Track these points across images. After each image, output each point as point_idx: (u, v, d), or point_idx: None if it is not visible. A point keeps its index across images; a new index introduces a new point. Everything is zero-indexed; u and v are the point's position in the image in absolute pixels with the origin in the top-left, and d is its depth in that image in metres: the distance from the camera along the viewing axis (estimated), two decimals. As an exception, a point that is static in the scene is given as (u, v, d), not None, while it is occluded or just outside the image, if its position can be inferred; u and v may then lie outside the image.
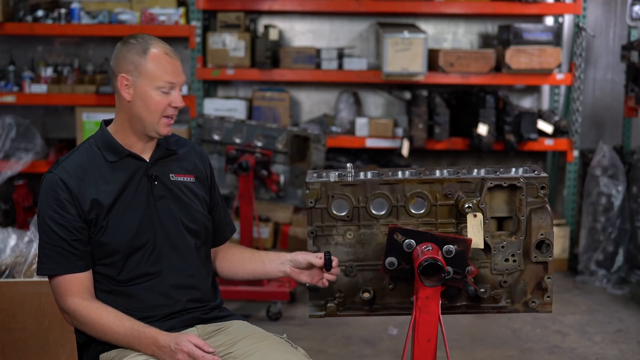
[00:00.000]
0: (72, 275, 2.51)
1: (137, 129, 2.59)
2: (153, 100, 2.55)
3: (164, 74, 2.54)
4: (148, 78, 2.54)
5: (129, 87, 2.55)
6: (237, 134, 5.16)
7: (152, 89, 2.54)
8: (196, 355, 2.39)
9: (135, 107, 2.56)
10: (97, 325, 2.48)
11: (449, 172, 2.62)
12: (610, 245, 5.80)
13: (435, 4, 6.05)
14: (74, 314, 2.50)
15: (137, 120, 2.57)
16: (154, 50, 2.55)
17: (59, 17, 5.92)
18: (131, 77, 2.55)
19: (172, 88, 2.57)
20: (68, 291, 2.51)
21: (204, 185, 2.73)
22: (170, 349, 2.41)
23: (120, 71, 2.56)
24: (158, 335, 2.45)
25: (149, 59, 2.54)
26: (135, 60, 2.54)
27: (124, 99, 2.56)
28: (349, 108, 6.29)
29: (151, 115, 2.56)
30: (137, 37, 2.59)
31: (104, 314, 2.48)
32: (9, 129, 5.94)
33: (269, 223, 5.96)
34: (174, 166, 2.67)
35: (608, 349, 4.61)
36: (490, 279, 2.59)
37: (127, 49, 2.56)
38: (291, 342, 2.66)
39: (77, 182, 2.52)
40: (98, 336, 2.50)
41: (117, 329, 2.47)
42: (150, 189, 2.60)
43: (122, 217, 2.54)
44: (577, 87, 6.14)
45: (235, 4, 6.02)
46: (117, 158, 2.59)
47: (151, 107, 2.55)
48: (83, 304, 2.49)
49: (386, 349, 4.56)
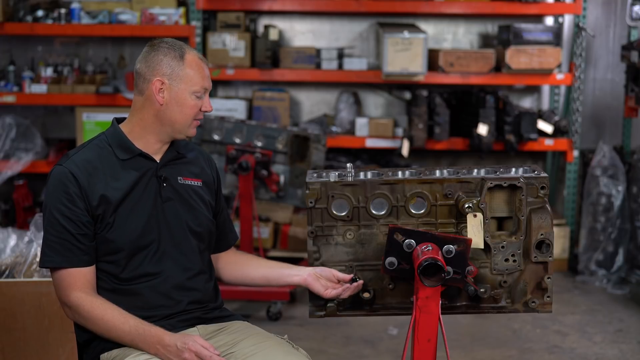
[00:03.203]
0: (76, 269, 2.51)
1: (164, 131, 2.61)
2: (188, 104, 2.58)
3: (199, 80, 2.59)
4: (186, 82, 2.57)
5: (164, 90, 2.57)
6: (237, 134, 5.16)
7: (189, 93, 2.58)
8: (204, 355, 2.39)
9: (169, 110, 2.58)
10: (101, 321, 2.47)
11: (449, 172, 2.62)
12: (610, 245, 5.80)
13: (435, 4, 6.06)
14: (77, 309, 2.49)
15: (168, 124, 2.59)
16: (189, 55, 2.59)
17: (59, 17, 5.92)
18: (167, 81, 2.57)
19: (205, 93, 2.62)
20: (72, 285, 2.50)
21: (210, 190, 2.74)
22: (177, 348, 2.41)
23: (155, 75, 2.57)
24: (163, 334, 2.45)
25: (186, 64, 2.58)
26: (174, 64, 2.57)
27: (157, 102, 2.58)
28: (349, 108, 6.29)
29: (185, 119, 2.59)
30: (166, 41, 2.61)
31: (108, 310, 2.48)
32: (9, 129, 5.94)
33: (269, 223, 5.96)
34: (182, 169, 2.69)
35: (608, 349, 4.61)
36: (490, 279, 2.59)
37: (162, 53, 2.58)
38: (292, 342, 2.66)
39: (87, 177, 2.53)
40: (100, 332, 2.50)
41: (122, 326, 2.46)
42: (159, 190, 2.61)
43: (129, 216, 2.55)
44: (577, 87, 6.14)
45: (235, 4, 6.02)
46: (129, 156, 2.60)
47: (186, 110, 2.58)
48: (87, 299, 2.49)
49: (386, 349, 4.56)
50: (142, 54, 2.61)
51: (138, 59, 2.63)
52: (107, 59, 6.37)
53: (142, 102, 2.61)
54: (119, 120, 2.68)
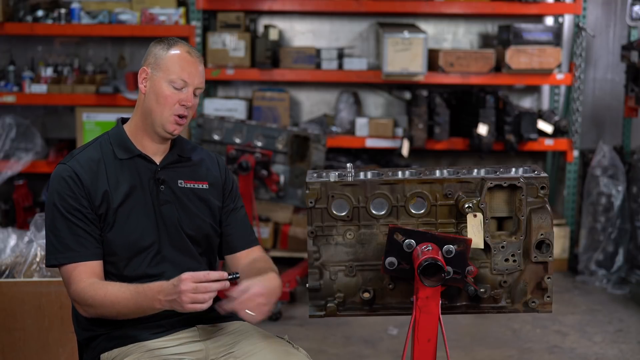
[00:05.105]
0: (89, 262, 2.50)
1: (148, 124, 2.60)
2: (163, 93, 2.57)
3: (178, 70, 2.57)
4: (163, 71, 2.57)
5: (147, 79, 2.59)
6: (237, 134, 5.15)
7: (165, 82, 2.57)
8: (199, 277, 2.35)
9: (148, 100, 2.59)
10: (105, 298, 2.45)
11: (449, 172, 2.62)
12: (610, 245, 5.80)
13: (435, 4, 6.05)
14: (84, 298, 2.47)
15: (149, 114, 2.59)
16: (177, 47, 2.60)
17: (59, 17, 5.92)
18: (150, 70, 2.59)
19: (185, 86, 2.58)
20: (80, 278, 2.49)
21: (218, 192, 2.72)
22: (173, 286, 2.36)
23: (143, 64, 2.61)
24: (160, 284, 2.42)
25: (169, 54, 2.58)
26: (158, 54, 2.59)
27: (140, 91, 2.60)
28: (349, 108, 6.29)
29: (160, 109, 2.57)
30: (169, 38, 2.64)
31: (108, 286, 2.47)
32: (9, 129, 5.94)
33: (269, 223, 5.96)
34: (185, 172, 2.68)
35: (608, 349, 4.61)
36: (490, 279, 2.59)
37: (155, 46, 2.62)
38: (292, 342, 2.66)
39: (90, 176, 2.53)
40: (109, 312, 2.48)
41: (123, 295, 2.45)
42: (156, 193, 2.60)
43: (128, 217, 2.55)
44: (577, 87, 6.14)
45: (235, 4, 6.02)
46: (127, 156, 2.60)
47: (160, 100, 2.57)
48: (88, 284, 2.48)
49: (386, 349, 4.56)
50: None
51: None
52: (107, 59, 6.37)
53: (138, 97, 2.64)
54: (124, 121, 2.69)
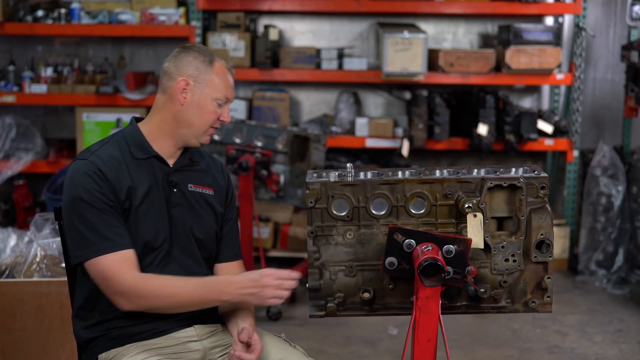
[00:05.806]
0: (126, 251, 2.49)
1: (180, 133, 2.61)
2: (208, 109, 2.60)
3: (223, 88, 2.61)
4: (210, 88, 2.59)
5: (187, 91, 2.59)
6: (237, 134, 5.15)
7: (211, 99, 2.60)
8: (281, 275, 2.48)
9: (188, 112, 2.59)
10: (163, 290, 2.47)
11: (449, 172, 2.62)
12: (610, 245, 5.80)
13: (435, 4, 6.05)
14: (135, 289, 2.45)
15: (185, 125, 2.60)
16: (217, 63, 2.62)
17: (59, 17, 5.92)
18: (192, 83, 2.58)
19: (226, 103, 2.63)
20: (124, 269, 2.47)
21: (221, 199, 2.74)
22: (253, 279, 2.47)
23: (182, 75, 2.59)
24: (229, 278, 2.53)
25: (214, 70, 2.60)
26: (201, 68, 2.59)
27: (177, 101, 2.59)
28: (349, 108, 6.29)
29: (202, 124, 2.60)
30: (198, 46, 2.66)
31: (163, 279, 2.50)
32: (9, 129, 5.94)
33: (269, 223, 5.95)
34: (194, 177, 2.68)
35: (608, 349, 4.61)
36: (490, 279, 2.59)
37: (192, 56, 2.61)
38: (289, 341, 2.66)
39: (113, 172, 2.52)
40: (166, 303, 2.48)
41: (185, 286, 2.49)
42: (169, 195, 2.60)
43: (145, 216, 2.55)
44: (577, 87, 6.14)
45: (235, 4, 6.02)
46: (145, 156, 2.60)
47: (205, 115, 2.60)
48: (136, 274, 2.48)
49: (386, 349, 4.56)
50: (172, 54, 2.64)
51: (167, 58, 2.65)
52: (107, 59, 6.37)
53: (163, 101, 2.62)
54: (138, 120, 2.68)
